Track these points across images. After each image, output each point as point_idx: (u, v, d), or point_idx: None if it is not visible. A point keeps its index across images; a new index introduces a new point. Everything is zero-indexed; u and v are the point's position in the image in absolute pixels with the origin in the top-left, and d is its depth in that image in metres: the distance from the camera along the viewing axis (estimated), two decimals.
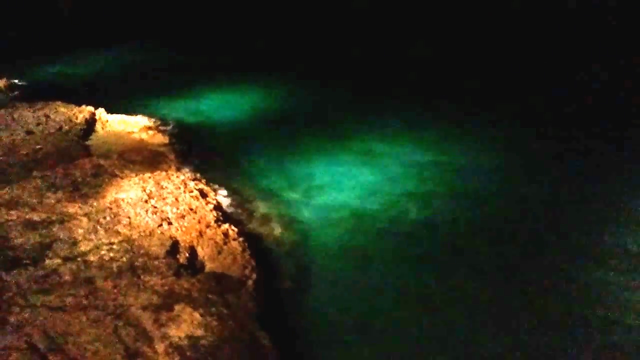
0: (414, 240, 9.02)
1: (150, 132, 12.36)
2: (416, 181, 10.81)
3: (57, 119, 11.95)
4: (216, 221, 8.42)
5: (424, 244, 8.93)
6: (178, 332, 6.02)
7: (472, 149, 12.16)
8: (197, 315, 6.25)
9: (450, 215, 9.72)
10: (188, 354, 5.76)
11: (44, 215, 7.84)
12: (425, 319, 7.32)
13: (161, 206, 8.37)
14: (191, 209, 8.51)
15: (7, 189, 8.57)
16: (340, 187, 10.68)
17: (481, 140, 12.56)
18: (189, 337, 5.96)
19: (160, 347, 5.82)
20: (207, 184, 10.04)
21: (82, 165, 9.55)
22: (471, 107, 14.41)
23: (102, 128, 12.30)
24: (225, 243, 7.92)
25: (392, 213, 9.75)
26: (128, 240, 7.45)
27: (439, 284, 8.01)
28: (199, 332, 6.05)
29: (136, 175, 9.36)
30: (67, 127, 11.65)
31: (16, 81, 17.30)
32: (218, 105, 15.36)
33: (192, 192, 9.07)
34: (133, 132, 12.17)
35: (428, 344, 6.87)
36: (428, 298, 7.74)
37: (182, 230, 7.91)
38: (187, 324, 6.13)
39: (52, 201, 8.27)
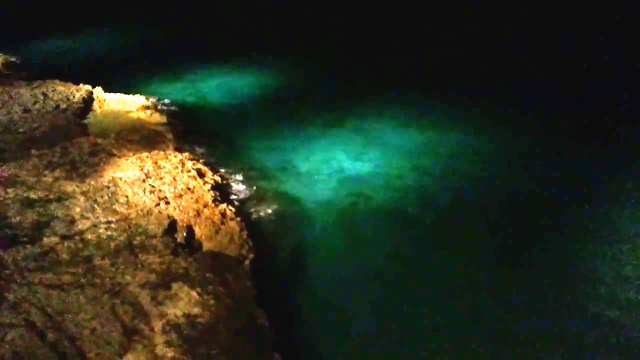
0: (409, 219, 9.08)
1: (148, 111, 12.30)
2: (413, 161, 10.83)
3: (55, 98, 11.89)
4: (214, 201, 8.44)
5: (419, 223, 8.98)
6: (175, 310, 6.06)
7: (472, 131, 12.12)
8: (194, 293, 6.29)
9: (446, 195, 9.76)
10: (185, 331, 5.80)
11: (41, 194, 7.83)
12: (424, 297, 7.39)
13: (159, 185, 8.38)
14: (189, 189, 8.51)
15: (4, 167, 8.56)
16: (337, 167, 10.70)
17: (481, 123, 12.50)
18: (186, 316, 6.01)
19: (157, 325, 5.87)
20: (205, 163, 10.03)
21: (79, 144, 9.53)
22: (473, 90, 14.29)
23: (100, 107, 12.25)
24: (222, 223, 7.94)
25: (389, 192, 9.79)
26: (126, 219, 7.46)
27: (435, 263, 8.08)
28: (196, 311, 6.09)
29: (134, 155, 9.35)
30: (64, 106, 11.60)
31: (13, 59, 17.20)
32: (216, 85, 15.30)
33: (189, 171, 9.07)
34: (131, 111, 12.12)
35: (423, 323, 6.94)
36: (424, 276, 7.80)
37: (179, 210, 7.92)
38: (184, 302, 6.17)
39: (50, 180, 8.27)
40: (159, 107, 13.16)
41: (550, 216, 9.07)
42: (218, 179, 9.44)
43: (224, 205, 8.39)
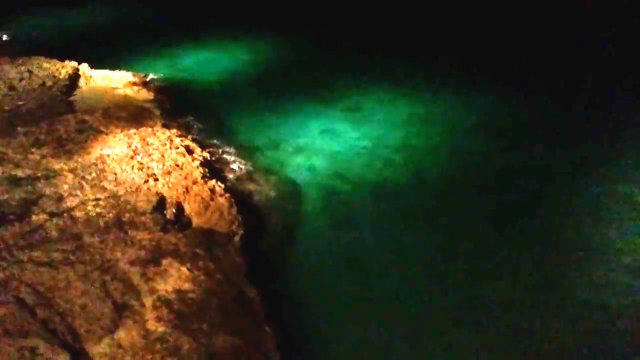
0: (398, 194, 9.12)
1: (135, 87, 12.20)
2: (403, 137, 10.82)
3: (40, 75, 11.75)
4: (203, 177, 8.42)
5: (408, 198, 9.04)
6: (166, 286, 6.08)
7: (461, 104, 12.10)
8: (184, 269, 6.31)
9: (435, 169, 9.80)
10: (176, 307, 5.83)
11: (29, 172, 7.79)
12: (411, 271, 7.46)
13: (147, 162, 8.34)
14: (177, 165, 8.49)
15: None
16: (327, 143, 10.68)
17: (469, 97, 12.46)
18: (177, 291, 6.03)
19: (148, 300, 5.89)
20: (193, 140, 9.98)
21: (66, 121, 9.46)
22: (466, 67, 14.19)
23: (86, 84, 12.12)
24: (212, 199, 7.93)
25: (378, 168, 9.81)
26: (114, 196, 7.44)
27: (424, 237, 8.13)
28: (187, 286, 6.12)
29: (121, 132, 9.29)
30: (50, 83, 11.47)
31: None
32: (204, 61, 15.14)
33: (178, 148, 9.03)
34: (117, 88, 12.01)
35: (410, 296, 7.02)
36: (412, 250, 7.86)
37: (168, 187, 7.90)
38: (174, 278, 6.19)
39: (37, 157, 8.21)
40: (146, 83, 13.02)
41: (538, 188, 9.13)
42: (207, 155, 9.41)
43: (213, 182, 8.38)
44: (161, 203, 7.51)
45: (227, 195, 8.22)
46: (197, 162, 8.79)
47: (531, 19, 17.62)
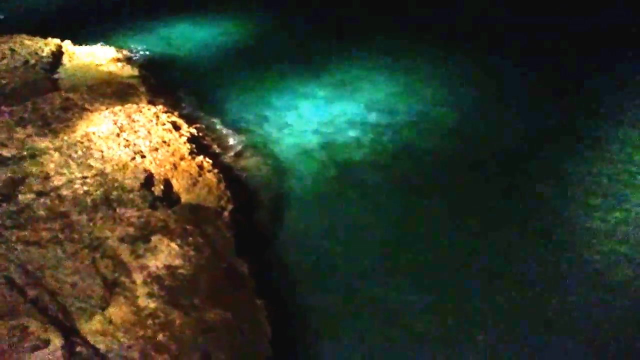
0: (388, 169, 9.14)
1: (119, 64, 12.05)
2: (392, 113, 10.76)
3: (23, 53, 11.56)
4: (190, 153, 8.38)
5: (396, 170, 9.07)
6: (156, 262, 6.09)
7: (453, 81, 12.00)
8: (174, 245, 6.32)
9: (423, 143, 9.79)
10: (166, 283, 5.86)
11: (14, 151, 7.72)
12: (400, 242, 7.53)
13: (133, 139, 8.29)
14: (164, 142, 8.44)
15: None
16: (316, 119, 10.62)
17: (463, 74, 12.31)
18: (167, 267, 6.05)
19: (138, 277, 5.90)
20: (180, 116, 9.91)
21: (51, 99, 9.35)
22: (454, 40, 14.08)
23: (69, 61, 11.95)
24: (200, 175, 7.92)
25: (365, 142, 9.81)
26: (101, 173, 7.40)
27: (414, 212, 8.18)
28: (177, 262, 6.13)
29: (107, 109, 9.20)
30: (33, 61, 11.29)
31: None
32: (190, 36, 14.93)
33: (164, 124, 8.97)
34: (101, 65, 11.86)
35: (401, 266, 7.08)
36: (402, 224, 7.92)
37: (155, 163, 7.86)
38: (164, 254, 6.20)
39: (22, 136, 8.13)
40: (131, 59, 12.87)
41: (527, 161, 9.17)
42: (194, 131, 9.36)
43: (200, 158, 8.35)
44: (149, 180, 7.48)
45: (216, 170, 8.20)
46: (184, 139, 8.74)
47: None
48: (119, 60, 12.30)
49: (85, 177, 7.26)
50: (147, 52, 13.60)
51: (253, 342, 5.72)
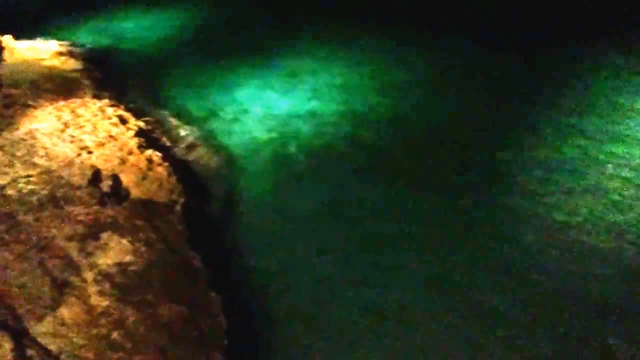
0: (339, 155, 9.17)
1: (63, 57, 11.76)
2: (345, 101, 10.78)
3: None
4: (139, 147, 8.27)
5: (349, 158, 9.10)
6: (106, 260, 6.01)
7: (404, 67, 12.01)
8: (124, 242, 6.25)
9: (377, 130, 9.86)
10: (118, 280, 5.79)
11: None
12: (354, 229, 7.59)
13: (79, 135, 8.12)
14: (111, 136, 8.30)
15: None
16: (266, 109, 10.58)
17: (410, 57, 12.36)
18: (118, 264, 5.98)
19: (89, 276, 5.82)
20: (126, 109, 9.74)
21: None
22: (399, 27, 14.08)
23: (10, 56, 11.59)
24: (149, 169, 7.82)
25: (317, 131, 9.82)
26: (47, 171, 7.23)
27: (365, 195, 8.24)
28: (128, 259, 6.06)
29: (50, 104, 8.98)
30: None
31: None
32: (134, 26, 14.67)
33: (110, 118, 8.82)
34: (44, 59, 11.54)
35: (354, 253, 7.17)
36: (355, 209, 7.97)
37: (103, 159, 7.73)
38: (115, 251, 6.12)
39: None
40: (74, 52, 12.55)
41: (467, 149, 9.29)
42: (142, 124, 9.23)
43: (149, 152, 8.24)
44: (96, 176, 7.35)
45: (166, 164, 8.11)
46: (131, 132, 8.61)
47: None
48: (62, 54, 12.00)
49: (30, 176, 7.09)
50: (92, 45, 13.29)
51: (209, 335, 5.71)
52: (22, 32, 12.88)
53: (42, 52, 11.94)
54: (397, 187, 8.35)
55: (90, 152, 7.77)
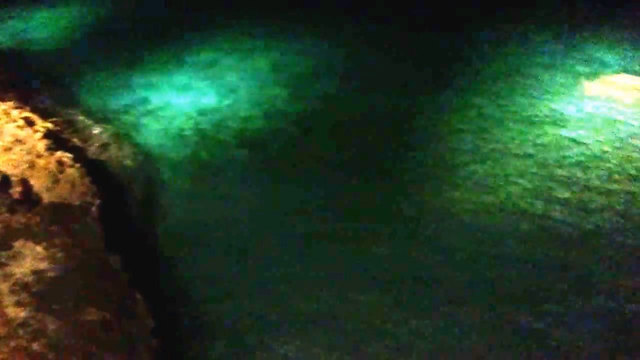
0: (261, 145, 9.20)
1: None
2: (261, 88, 10.77)
3: None
4: (48, 149, 7.96)
5: (271, 147, 9.15)
6: (21, 269, 5.81)
7: (318, 53, 12.02)
8: (39, 249, 6.05)
9: (295, 116, 9.89)
10: (35, 289, 5.61)
11: None
12: (280, 220, 7.63)
13: None
14: (18, 140, 7.96)
15: None
16: (184, 102, 10.40)
17: (328, 45, 12.32)
18: (34, 272, 5.78)
19: (4, 286, 5.61)
20: (33, 111, 9.33)
21: None
22: (318, 15, 13.98)
23: None
24: (60, 171, 7.56)
25: (238, 122, 9.77)
26: None
27: (289, 186, 8.29)
28: (44, 266, 5.88)
29: None
30: None
31: None
32: (40, 23, 13.96)
33: (16, 121, 8.45)
34: None
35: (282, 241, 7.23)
36: (279, 200, 8.02)
37: (10, 164, 7.41)
38: (29, 259, 5.92)
39: None
40: None
41: (388, 122, 9.59)
42: (50, 125, 8.88)
43: (59, 153, 7.95)
44: (5, 182, 7.06)
45: (78, 165, 7.86)
46: (39, 134, 8.27)
47: None
48: None
49: None
50: None
51: (136, 337, 5.64)
52: None
53: None
54: (327, 179, 8.41)
55: None
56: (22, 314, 5.38)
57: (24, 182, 7.20)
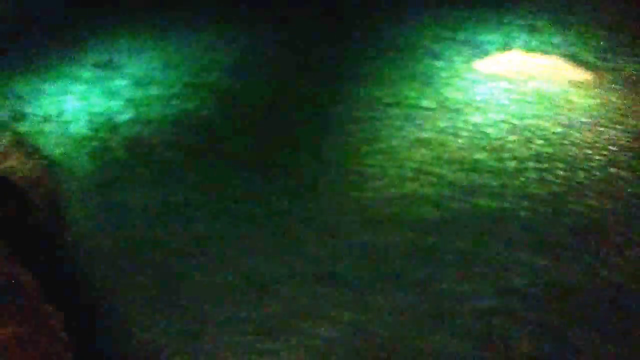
0: (165, 142, 8.98)
1: None
2: (159, 84, 10.51)
3: None
4: None
5: (175, 142, 8.97)
6: None
7: (217, 46, 11.96)
8: None
9: (197, 108, 9.77)
10: None
11: None
12: (193, 214, 7.54)
13: None
14: None
15: None
16: (84, 103, 9.99)
17: (226, 38, 12.26)
18: None
19: None
20: None
21: None
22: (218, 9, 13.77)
23: None
24: None
25: (138, 120, 9.48)
26: None
27: (199, 178, 8.20)
28: None
29: None
30: None
31: None
32: None
33: None
34: None
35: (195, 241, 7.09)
36: (186, 193, 7.91)
37: None
38: None
39: None
40: None
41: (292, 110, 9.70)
42: None
43: None
44: None
45: None
46: None
47: None
48: None
49: None
50: None
51: (51, 353, 5.35)
52: None
53: None
54: (236, 167, 8.38)
55: None
56: None
57: None
